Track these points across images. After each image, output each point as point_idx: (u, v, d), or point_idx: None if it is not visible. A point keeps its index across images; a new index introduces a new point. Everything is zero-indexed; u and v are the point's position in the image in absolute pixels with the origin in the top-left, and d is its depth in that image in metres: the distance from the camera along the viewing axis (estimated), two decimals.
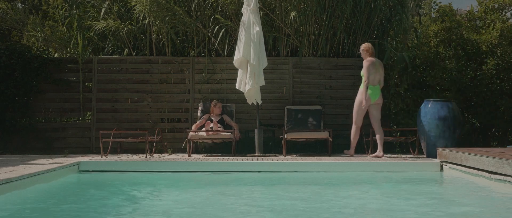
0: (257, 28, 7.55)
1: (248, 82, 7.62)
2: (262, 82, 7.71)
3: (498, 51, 8.05)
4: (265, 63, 7.70)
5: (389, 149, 8.30)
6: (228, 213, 4.28)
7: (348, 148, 8.30)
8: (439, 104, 7.20)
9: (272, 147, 8.25)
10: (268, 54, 8.43)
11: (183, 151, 8.36)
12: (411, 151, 7.88)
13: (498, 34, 8.04)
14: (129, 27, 8.59)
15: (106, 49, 9.07)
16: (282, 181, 6.06)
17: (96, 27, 8.45)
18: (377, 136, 7.26)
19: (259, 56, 7.56)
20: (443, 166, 6.48)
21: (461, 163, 5.98)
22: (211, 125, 7.67)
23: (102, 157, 7.34)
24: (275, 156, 7.60)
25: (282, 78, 8.64)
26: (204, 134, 7.57)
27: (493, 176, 5.27)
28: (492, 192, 5.04)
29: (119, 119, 8.62)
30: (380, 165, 6.58)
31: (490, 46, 8.10)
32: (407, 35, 9.21)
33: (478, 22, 8.73)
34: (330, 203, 4.67)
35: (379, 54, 8.62)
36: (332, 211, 4.28)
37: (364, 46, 7.37)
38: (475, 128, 8.62)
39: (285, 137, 7.57)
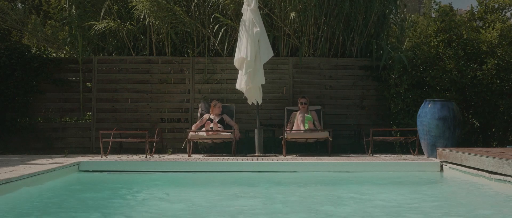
0: (257, 29, 7.54)
1: (248, 82, 7.60)
2: (263, 81, 7.71)
3: (498, 51, 8.04)
4: (270, 55, 7.67)
5: (389, 149, 8.31)
6: (228, 213, 4.27)
7: (347, 149, 8.31)
8: (439, 104, 7.19)
9: (272, 147, 8.25)
10: None
11: (183, 151, 8.36)
12: (411, 151, 7.88)
13: (498, 34, 8.04)
14: (129, 27, 8.59)
15: (106, 49, 9.07)
16: (281, 181, 6.06)
17: (96, 27, 8.45)
18: None
19: (260, 56, 7.55)
20: (443, 166, 6.48)
21: (461, 163, 5.98)
22: (211, 125, 7.67)
23: (102, 157, 7.34)
24: (275, 156, 7.60)
25: (282, 78, 8.64)
26: (204, 134, 7.57)
27: (493, 176, 5.27)
28: (492, 192, 5.04)
29: (119, 119, 8.62)
30: (380, 165, 6.58)
31: (490, 46, 8.09)
32: (404, 33, 9.21)
33: (478, 22, 8.72)
34: (329, 204, 4.67)
35: (377, 54, 8.62)
36: (331, 212, 4.28)
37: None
38: (475, 128, 8.61)
39: (285, 137, 7.58)
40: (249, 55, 7.46)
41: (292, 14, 8.18)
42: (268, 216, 4.12)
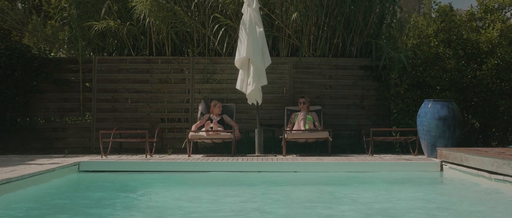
0: (259, 29, 7.53)
1: (251, 83, 7.59)
2: (265, 82, 7.72)
3: (498, 51, 8.04)
4: (268, 62, 7.69)
5: (389, 149, 8.31)
6: (228, 213, 4.28)
7: (347, 149, 8.31)
8: (439, 104, 7.19)
9: (272, 147, 8.25)
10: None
11: (183, 151, 8.36)
12: (411, 151, 7.88)
13: (498, 34, 8.04)
14: (129, 27, 8.59)
15: (106, 49, 9.07)
16: (282, 181, 6.06)
17: (96, 27, 8.45)
18: None
19: (262, 56, 7.56)
20: (443, 166, 6.48)
21: (461, 163, 5.98)
22: (211, 124, 7.67)
23: (102, 157, 7.34)
24: (275, 156, 7.60)
25: (282, 78, 8.64)
26: (204, 134, 7.57)
27: (493, 176, 5.27)
28: (492, 192, 5.04)
29: (119, 119, 8.62)
30: (380, 165, 6.58)
31: (490, 46, 8.09)
32: (404, 32, 9.21)
33: (478, 22, 8.72)
34: (329, 204, 4.68)
35: (377, 54, 8.62)
36: (331, 212, 4.28)
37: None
38: (475, 128, 8.61)
39: (285, 137, 7.57)
40: (256, 57, 7.45)
41: (294, 15, 8.18)
42: (268, 216, 4.12)
